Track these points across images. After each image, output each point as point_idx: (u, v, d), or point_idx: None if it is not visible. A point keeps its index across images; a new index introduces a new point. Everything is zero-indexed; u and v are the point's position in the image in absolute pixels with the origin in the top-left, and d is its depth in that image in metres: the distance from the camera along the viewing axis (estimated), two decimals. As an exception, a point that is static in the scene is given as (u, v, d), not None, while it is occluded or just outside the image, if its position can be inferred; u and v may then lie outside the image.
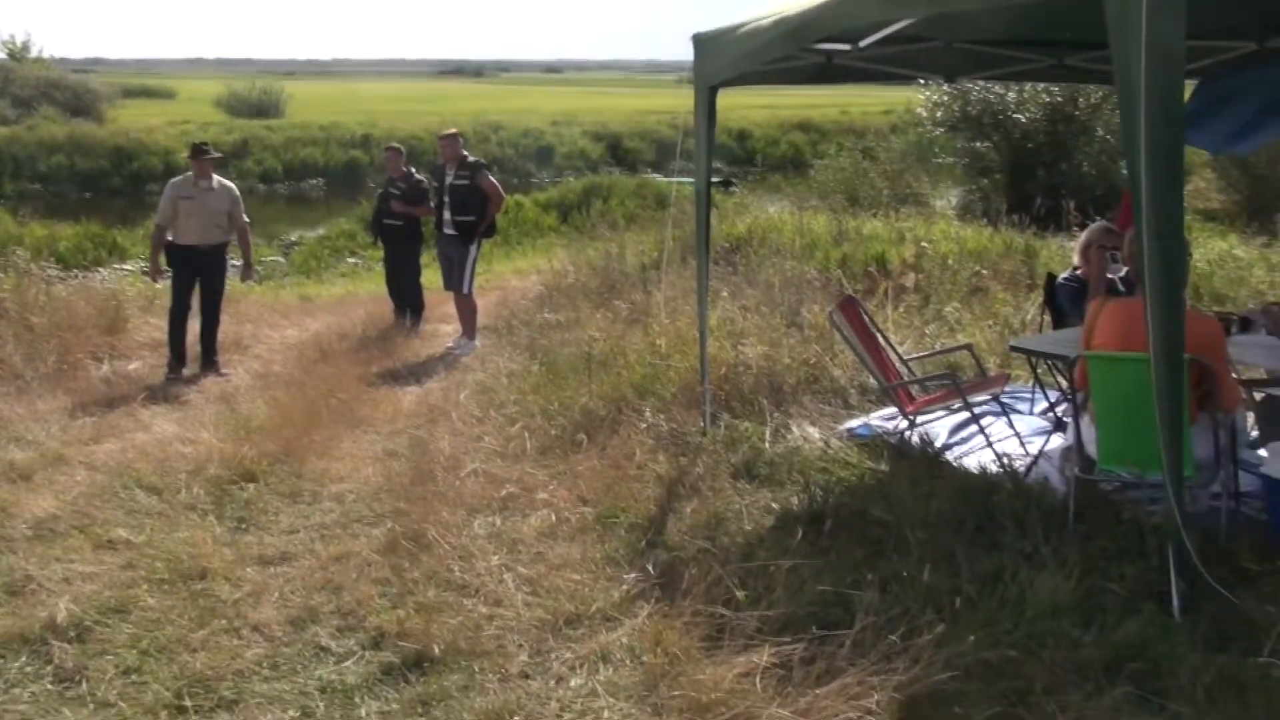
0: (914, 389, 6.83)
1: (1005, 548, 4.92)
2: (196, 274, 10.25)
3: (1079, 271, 7.30)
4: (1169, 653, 4.06)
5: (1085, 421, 5.23)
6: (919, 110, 25.49)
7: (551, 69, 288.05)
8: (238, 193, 10.65)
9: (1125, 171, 4.36)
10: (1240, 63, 7.63)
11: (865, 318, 6.66)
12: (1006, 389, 6.74)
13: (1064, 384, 6.23)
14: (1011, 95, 23.59)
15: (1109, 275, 7.34)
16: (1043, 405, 6.93)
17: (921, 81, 18.47)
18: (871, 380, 7.88)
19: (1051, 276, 7.44)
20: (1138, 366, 4.63)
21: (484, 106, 62.19)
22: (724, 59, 6.83)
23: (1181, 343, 4.19)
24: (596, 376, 8.18)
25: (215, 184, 10.36)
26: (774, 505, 5.95)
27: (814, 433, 7.05)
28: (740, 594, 4.72)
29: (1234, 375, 5.23)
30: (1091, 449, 4.94)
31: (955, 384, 6.08)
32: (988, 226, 16.79)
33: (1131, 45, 3.95)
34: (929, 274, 12.55)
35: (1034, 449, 6.37)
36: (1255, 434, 6.00)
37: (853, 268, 13.23)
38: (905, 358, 7.13)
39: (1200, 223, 21.78)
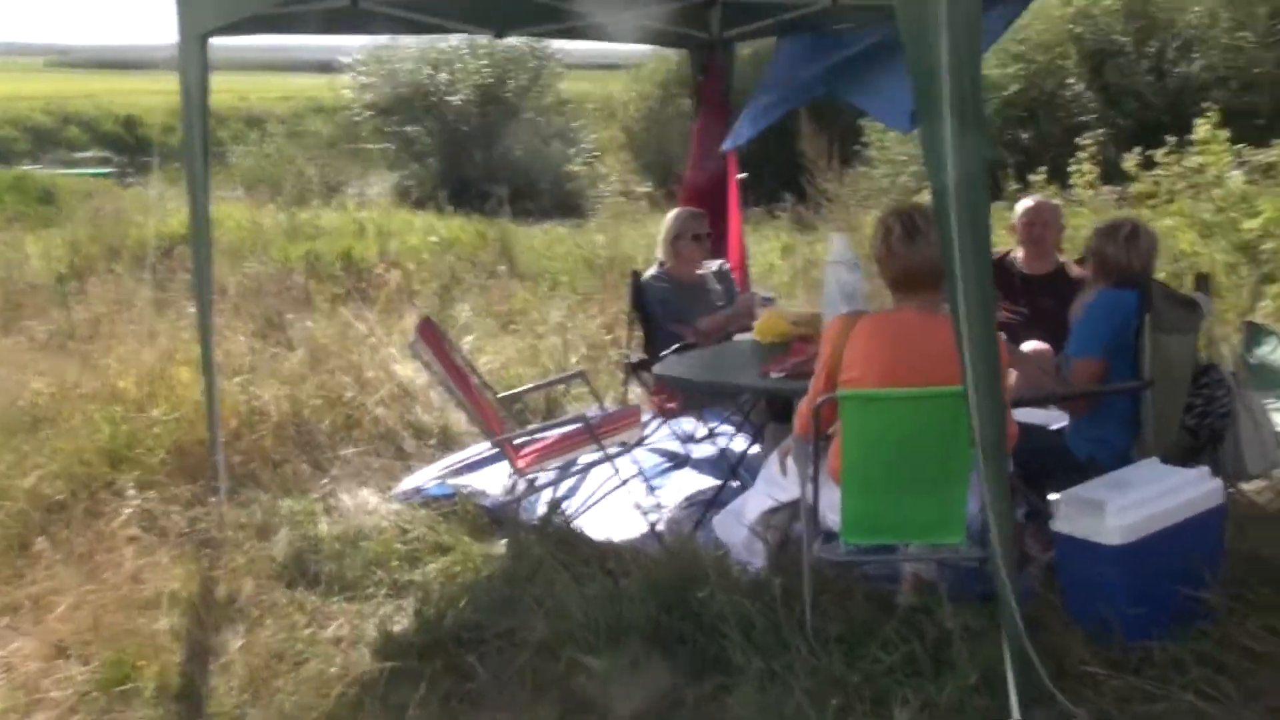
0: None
1: (733, 668, 3.55)
2: None
3: (666, 268, 6.09)
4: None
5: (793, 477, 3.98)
6: (345, 92, 23.69)
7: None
8: None
9: (924, 167, 3.11)
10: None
11: (446, 342, 5.00)
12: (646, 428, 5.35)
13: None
14: (444, 76, 22.48)
15: (699, 271, 6.21)
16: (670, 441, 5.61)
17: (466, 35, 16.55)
18: (426, 417, 6.22)
19: (636, 275, 6.17)
20: (916, 405, 3.42)
21: None
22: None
23: (999, 370, 3.04)
24: (43, 442, 5.77)
25: None
26: (366, 629, 4.15)
27: (374, 500, 5.28)
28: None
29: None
30: (832, 517, 3.66)
31: (588, 427, 4.60)
32: (434, 212, 15.58)
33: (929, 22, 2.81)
34: (407, 270, 11.03)
35: (668, 498, 5.07)
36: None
37: (321, 267, 11.34)
38: (498, 392, 5.49)
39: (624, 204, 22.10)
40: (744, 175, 7.22)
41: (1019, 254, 5.82)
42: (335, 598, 4.44)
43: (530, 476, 4.66)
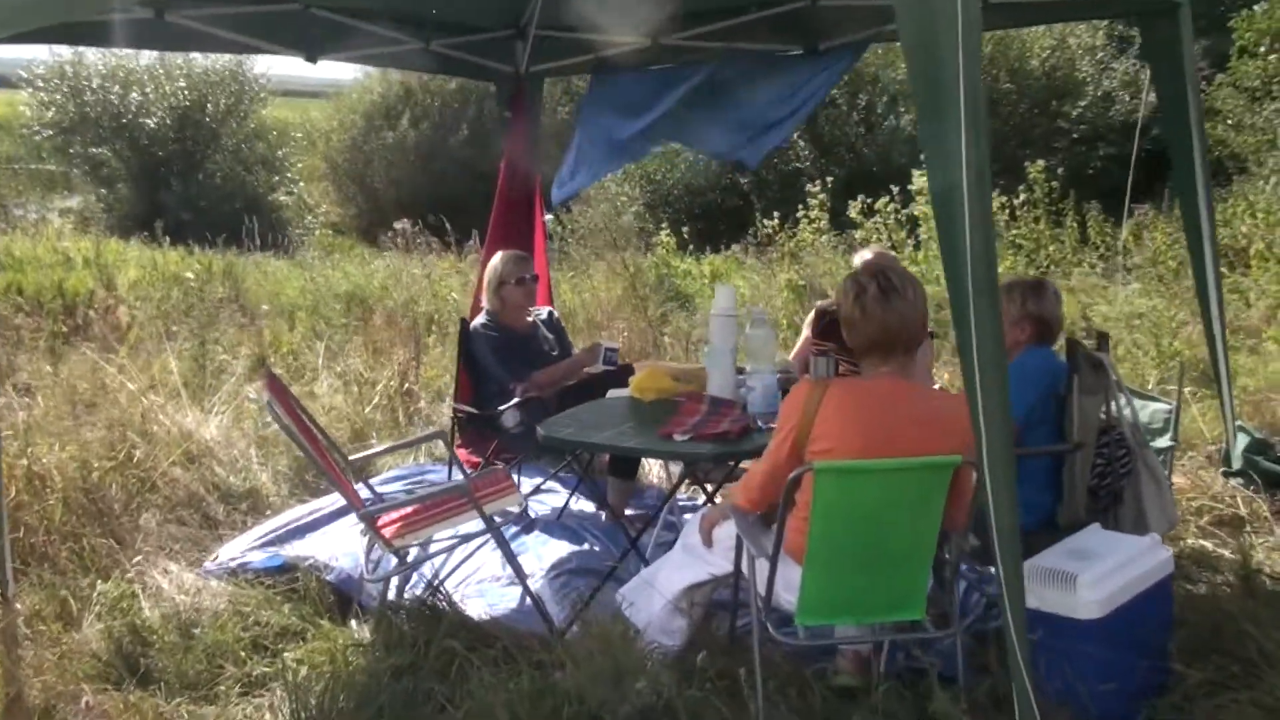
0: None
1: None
2: None
3: (495, 316, 5.69)
4: None
5: (720, 550, 3.72)
6: (22, 109, 21.63)
7: None
8: None
9: (930, 207, 2.93)
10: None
11: (291, 398, 4.40)
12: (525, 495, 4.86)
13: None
14: (135, 96, 20.91)
15: (529, 318, 5.85)
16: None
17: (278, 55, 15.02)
18: (232, 478, 5.56)
19: (465, 322, 5.73)
20: (898, 478, 3.23)
21: None
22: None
23: (1011, 436, 2.89)
24: None
25: None
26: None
27: (189, 577, 4.63)
28: None
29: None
30: (787, 597, 3.39)
31: (467, 493, 4.11)
32: (147, 243, 14.41)
33: (945, 52, 2.67)
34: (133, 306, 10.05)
35: (529, 565, 4.69)
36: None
37: (24, 302, 10.13)
38: (347, 454, 4.89)
39: (331, 237, 21.20)
40: (550, 216, 6.92)
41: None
42: (178, 698, 3.82)
43: (400, 550, 4.15)
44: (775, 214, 12.82)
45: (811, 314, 5.77)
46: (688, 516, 4.28)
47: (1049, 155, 14.19)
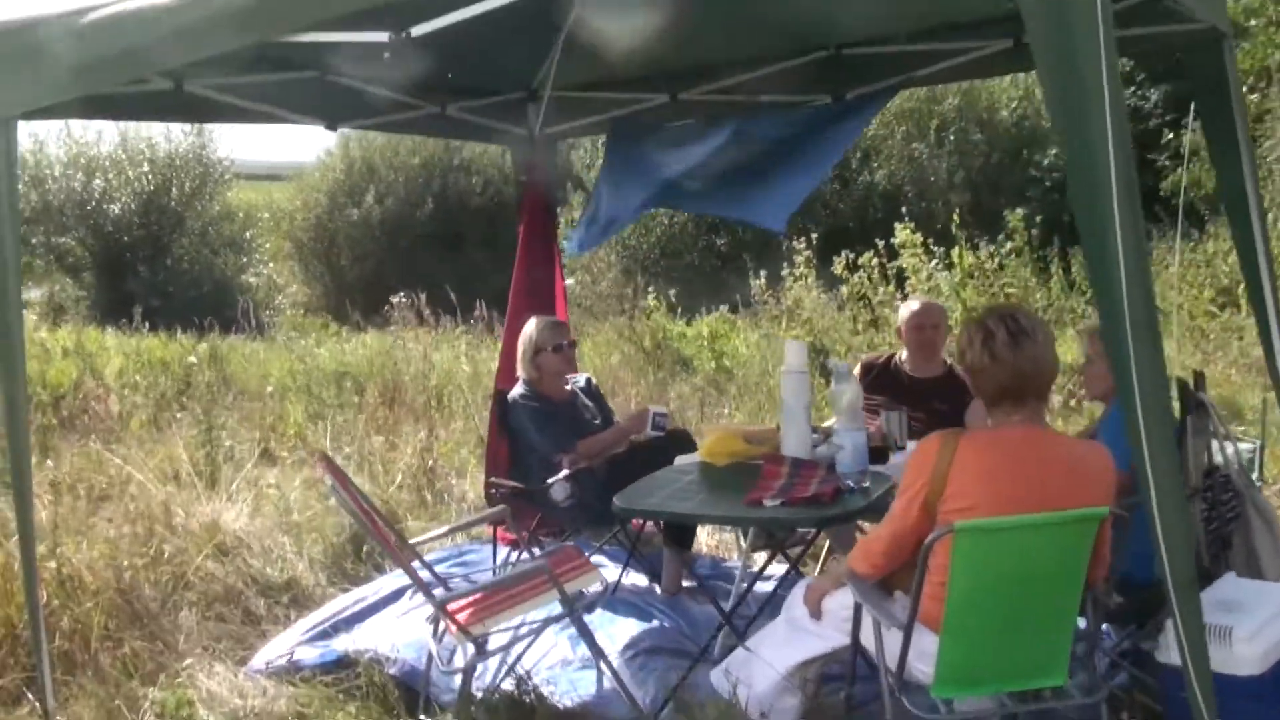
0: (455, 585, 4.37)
1: None
2: None
3: (533, 386, 5.46)
4: None
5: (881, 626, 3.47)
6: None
7: None
8: None
9: (1084, 260, 2.75)
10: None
11: (349, 481, 4.14)
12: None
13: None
14: (98, 182, 20.63)
15: (567, 387, 5.63)
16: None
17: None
18: (269, 570, 5.27)
19: (502, 393, 5.50)
20: (1047, 534, 3.00)
21: None
22: (35, 77, 4.00)
23: (1181, 481, 2.71)
24: None
25: None
26: None
27: (239, 679, 4.33)
28: None
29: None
30: (921, 669, 3.17)
31: (549, 576, 3.86)
32: (125, 331, 14.09)
33: (1091, 107, 2.53)
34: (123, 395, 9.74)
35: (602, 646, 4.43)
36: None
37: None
38: (410, 540, 4.61)
39: (301, 316, 20.88)
40: (571, 280, 6.71)
41: (903, 356, 5.62)
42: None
43: (478, 638, 3.89)
44: (762, 273, 12.71)
45: (857, 368, 5.59)
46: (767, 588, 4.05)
47: (1023, 204, 14.27)
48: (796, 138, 5.98)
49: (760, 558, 5.03)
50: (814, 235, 12.61)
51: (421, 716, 4.10)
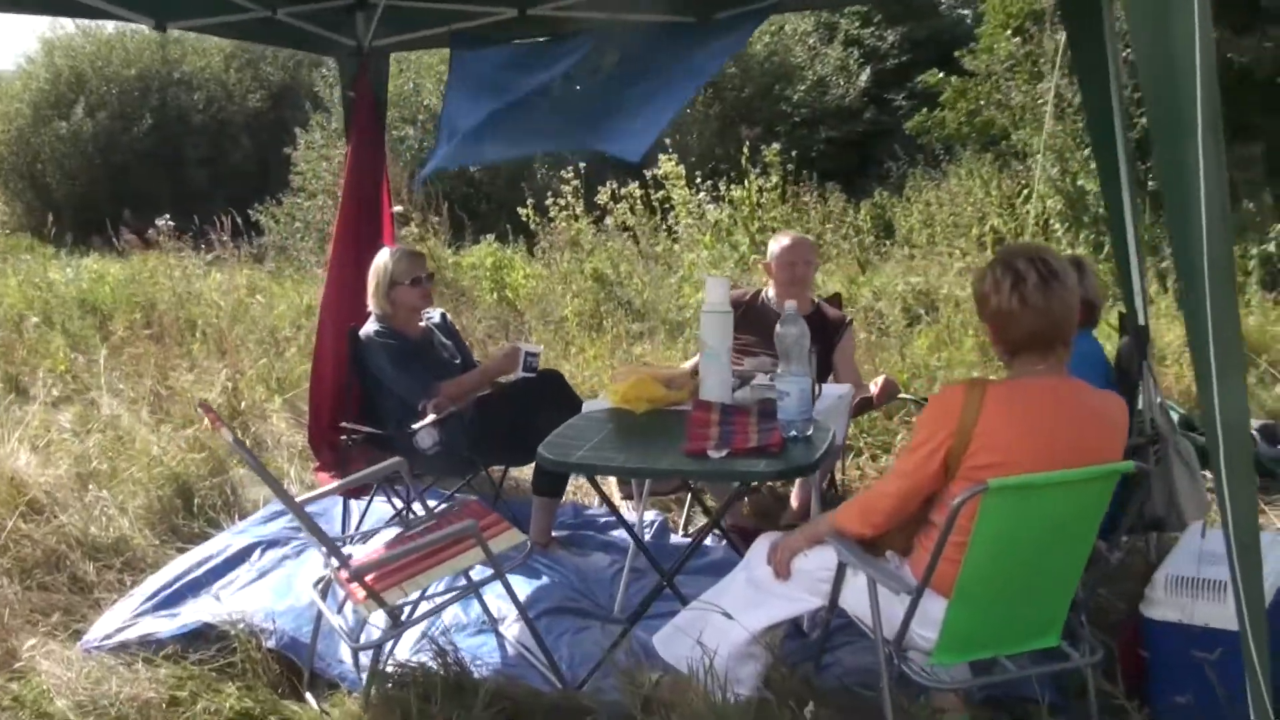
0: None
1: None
2: None
3: (387, 321, 4.98)
4: None
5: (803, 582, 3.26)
6: None
7: None
8: None
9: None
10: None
11: (234, 432, 3.55)
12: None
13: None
14: None
15: (421, 323, 5.16)
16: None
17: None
18: (93, 529, 4.60)
19: (353, 329, 4.98)
20: (1078, 490, 2.85)
21: None
22: None
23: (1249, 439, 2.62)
24: None
25: None
26: None
27: (78, 658, 3.74)
28: None
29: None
30: (923, 634, 2.98)
31: (473, 533, 3.42)
32: None
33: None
34: None
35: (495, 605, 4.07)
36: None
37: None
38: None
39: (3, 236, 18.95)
40: (399, 209, 6.19)
41: (769, 293, 5.41)
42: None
43: (394, 608, 3.45)
44: (529, 201, 12.30)
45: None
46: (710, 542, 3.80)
47: (774, 139, 14.44)
48: (657, 61, 5.63)
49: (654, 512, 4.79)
50: (582, 165, 12.27)
51: (308, 695, 3.65)
